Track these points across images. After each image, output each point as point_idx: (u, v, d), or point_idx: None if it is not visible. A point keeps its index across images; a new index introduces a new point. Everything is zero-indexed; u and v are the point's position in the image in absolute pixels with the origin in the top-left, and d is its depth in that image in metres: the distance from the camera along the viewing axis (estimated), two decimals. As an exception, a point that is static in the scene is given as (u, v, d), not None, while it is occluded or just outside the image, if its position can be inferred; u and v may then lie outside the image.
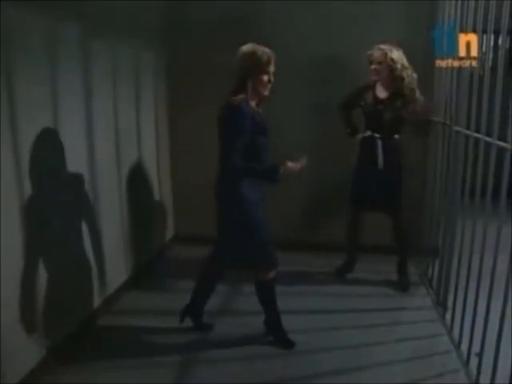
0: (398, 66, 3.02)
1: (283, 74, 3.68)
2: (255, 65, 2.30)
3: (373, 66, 3.11)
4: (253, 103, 2.38)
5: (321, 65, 3.66)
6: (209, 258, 2.67)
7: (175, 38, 3.76)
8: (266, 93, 2.38)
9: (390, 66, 3.03)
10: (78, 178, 2.61)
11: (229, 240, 2.51)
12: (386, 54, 3.04)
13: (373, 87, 3.19)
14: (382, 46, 3.07)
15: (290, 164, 2.35)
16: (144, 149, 3.45)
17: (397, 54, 3.04)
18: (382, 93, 3.15)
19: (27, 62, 2.15)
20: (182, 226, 4.08)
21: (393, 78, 3.05)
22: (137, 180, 3.35)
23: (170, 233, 4.06)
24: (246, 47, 2.36)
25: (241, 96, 2.30)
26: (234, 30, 3.66)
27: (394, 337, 2.67)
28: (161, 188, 3.83)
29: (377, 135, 3.15)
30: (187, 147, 3.94)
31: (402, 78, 3.03)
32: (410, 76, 3.05)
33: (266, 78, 2.33)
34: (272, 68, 2.35)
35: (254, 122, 2.32)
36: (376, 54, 3.08)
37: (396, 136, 3.19)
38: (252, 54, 2.31)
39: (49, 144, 2.35)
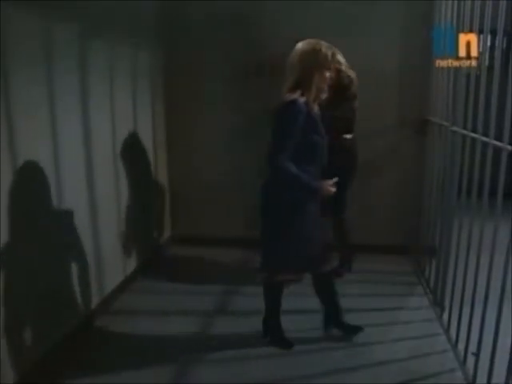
0: (343, 66, 3.02)
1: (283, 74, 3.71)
2: (320, 61, 2.23)
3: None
4: (311, 100, 2.27)
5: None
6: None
7: (174, 37, 3.77)
8: (325, 91, 2.31)
9: (337, 67, 2.98)
10: (76, 179, 2.63)
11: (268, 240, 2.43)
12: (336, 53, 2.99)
13: None
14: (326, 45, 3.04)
15: (329, 188, 2.31)
16: (141, 148, 3.46)
17: (340, 55, 3.02)
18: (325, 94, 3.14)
19: (25, 61, 2.16)
20: (180, 227, 4.09)
21: (339, 78, 3.00)
22: (134, 180, 3.36)
23: (167, 233, 4.05)
24: (306, 43, 2.27)
25: (298, 93, 2.22)
26: (234, 30, 3.68)
27: (392, 336, 2.67)
28: (158, 188, 3.84)
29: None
30: (185, 147, 3.95)
31: (350, 77, 3.02)
32: (353, 74, 3.06)
33: (328, 74, 2.27)
34: (333, 65, 2.28)
35: (310, 120, 2.23)
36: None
37: (347, 136, 3.12)
38: (316, 51, 2.23)
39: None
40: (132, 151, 3.33)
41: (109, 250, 3.01)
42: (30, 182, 2.24)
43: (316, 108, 2.32)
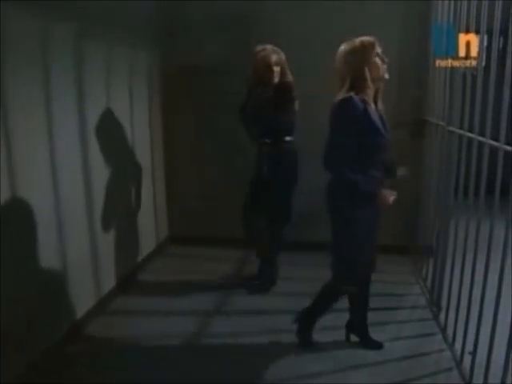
0: (286, 66, 2.97)
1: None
2: (364, 54, 2.13)
3: (277, 69, 2.94)
4: (369, 96, 2.17)
5: (320, 65, 3.67)
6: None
7: (174, 37, 3.77)
8: (386, 76, 2.19)
9: (282, 67, 2.96)
10: (73, 179, 2.64)
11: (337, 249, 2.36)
12: (282, 55, 2.95)
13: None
14: (273, 48, 2.95)
15: (387, 199, 2.18)
16: (138, 149, 3.45)
17: (282, 54, 2.96)
18: (265, 94, 3.00)
19: (24, 61, 2.17)
20: (178, 226, 4.09)
21: (283, 77, 2.96)
22: (130, 180, 3.36)
23: (165, 233, 4.05)
24: (346, 44, 2.19)
25: (352, 92, 2.12)
26: (233, 29, 3.68)
27: (388, 336, 2.67)
28: (155, 188, 3.83)
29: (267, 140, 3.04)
30: (183, 147, 3.95)
31: (290, 77, 2.97)
32: (291, 77, 3.01)
33: (378, 60, 2.15)
34: (379, 49, 2.17)
35: (369, 118, 2.11)
36: (278, 55, 2.94)
37: (288, 139, 3.04)
38: (357, 46, 2.15)
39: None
40: (129, 151, 3.32)
41: (107, 248, 3.02)
42: (25, 188, 2.22)
43: (380, 106, 2.23)
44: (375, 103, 2.22)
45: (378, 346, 2.58)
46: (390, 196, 2.19)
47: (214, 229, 3.97)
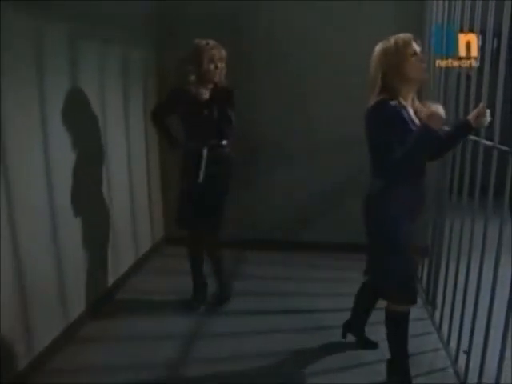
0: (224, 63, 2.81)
1: (282, 75, 3.72)
2: (397, 54, 2.00)
3: (222, 65, 2.78)
4: (405, 98, 2.07)
5: (318, 64, 3.69)
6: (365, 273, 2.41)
7: (174, 37, 3.76)
8: (424, 75, 2.09)
9: (224, 65, 2.81)
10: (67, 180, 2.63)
11: (374, 259, 2.27)
12: (223, 51, 2.78)
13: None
14: (215, 43, 2.78)
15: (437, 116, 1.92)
16: (133, 149, 3.44)
17: (223, 50, 2.80)
18: (205, 94, 2.82)
19: (21, 61, 2.18)
20: (172, 228, 4.05)
21: (221, 75, 2.81)
22: (125, 182, 3.36)
23: (159, 234, 4.05)
24: (379, 45, 2.08)
25: (384, 95, 2.01)
26: (233, 29, 3.68)
27: (384, 335, 2.66)
28: (150, 188, 3.82)
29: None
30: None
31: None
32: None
33: (414, 59, 2.00)
34: (416, 47, 2.02)
35: (402, 122, 1.98)
36: (221, 51, 2.76)
37: (224, 142, 2.86)
38: (387, 47, 2.03)
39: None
40: (124, 152, 3.32)
41: (103, 246, 3.02)
42: (21, 188, 2.22)
43: (419, 108, 2.09)
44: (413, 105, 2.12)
45: (373, 345, 2.58)
46: (433, 111, 1.93)
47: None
